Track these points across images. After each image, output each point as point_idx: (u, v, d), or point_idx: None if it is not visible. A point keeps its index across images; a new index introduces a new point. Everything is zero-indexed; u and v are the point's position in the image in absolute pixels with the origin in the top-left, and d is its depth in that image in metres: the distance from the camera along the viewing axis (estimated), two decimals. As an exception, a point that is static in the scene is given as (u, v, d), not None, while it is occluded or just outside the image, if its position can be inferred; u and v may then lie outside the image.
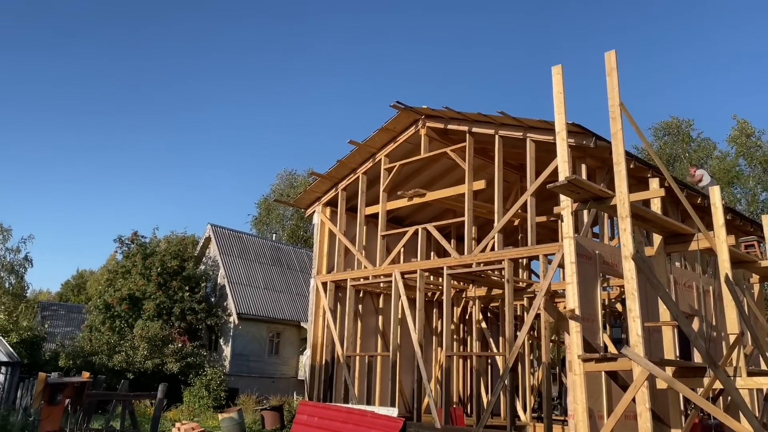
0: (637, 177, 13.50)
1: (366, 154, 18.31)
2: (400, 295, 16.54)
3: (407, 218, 20.95)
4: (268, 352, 29.98)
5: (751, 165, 37.30)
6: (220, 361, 28.38)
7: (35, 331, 25.61)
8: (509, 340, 13.99)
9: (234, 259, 31.00)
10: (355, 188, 18.82)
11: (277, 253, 34.50)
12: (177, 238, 31.15)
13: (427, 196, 17.05)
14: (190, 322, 27.59)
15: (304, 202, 20.22)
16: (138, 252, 28.44)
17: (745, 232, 17.25)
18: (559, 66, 10.29)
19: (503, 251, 14.82)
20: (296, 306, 31.81)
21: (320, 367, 18.28)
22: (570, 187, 9.40)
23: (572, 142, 12.68)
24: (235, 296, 29.12)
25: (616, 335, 17.77)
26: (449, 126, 16.40)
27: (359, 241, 18.30)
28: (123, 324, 27.17)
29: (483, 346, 19.63)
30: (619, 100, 9.44)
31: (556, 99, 10.25)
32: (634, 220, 9.47)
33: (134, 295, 27.25)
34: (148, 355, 25.02)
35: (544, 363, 13.55)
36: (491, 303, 20.22)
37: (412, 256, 18.56)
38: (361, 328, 18.72)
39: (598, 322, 10.87)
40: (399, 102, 16.23)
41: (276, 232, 48.01)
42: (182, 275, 28.20)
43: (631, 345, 8.74)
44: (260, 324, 29.72)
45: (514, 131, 14.95)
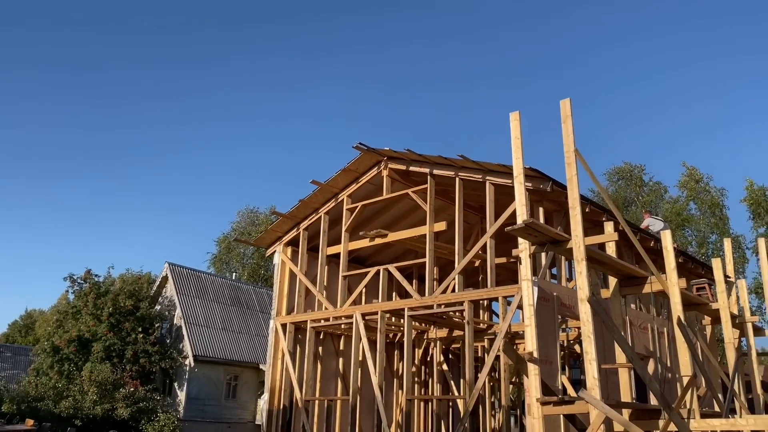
0: (593, 220, 13.84)
1: (328, 194, 18.33)
2: (360, 337, 16.38)
3: (369, 258, 20.91)
4: (224, 396, 29.08)
5: (701, 209, 38.78)
6: (174, 405, 27.38)
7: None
8: (470, 382, 13.93)
9: (191, 299, 30.27)
10: (317, 228, 18.76)
11: (237, 292, 33.85)
12: (132, 277, 30.39)
13: (389, 237, 17.09)
14: (143, 365, 26.63)
15: (265, 242, 20.02)
16: (91, 291, 27.52)
17: (697, 274, 17.76)
18: (517, 112, 10.58)
19: (464, 293, 14.89)
20: (255, 347, 31.10)
21: (278, 411, 17.82)
22: (527, 230, 9.55)
23: (530, 186, 12.97)
24: (191, 337, 28.33)
25: (576, 376, 17.87)
26: (411, 168, 16.60)
27: (320, 282, 18.14)
28: (72, 367, 26.07)
29: (444, 388, 19.49)
30: (574, 146, 9.72)
31: (514, 144, 10.50)
32: (589, 263, 9.65)
33: (83, 336, 26.25)
34: (97, 400, 23.96)
35: (504, 405, 13.52)
36: (452, 344, 20.17)
37: (373, 297, 18.46)
38: (320, 371, 18.39)
39: (557, 364, 10.95)
40: (362, 143, 16.40)
41: (236, 271, 47.20)
42: (136, 316, 27.33)
43: (588, 388, 8.80)
44: (217, 366, 28.91)
45: (474, 174, 15.21)
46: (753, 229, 35.84)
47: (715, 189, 39.29)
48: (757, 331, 16.16)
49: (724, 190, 39.05)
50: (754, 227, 35.78)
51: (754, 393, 13.88)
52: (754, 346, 14.91)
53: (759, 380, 14.09)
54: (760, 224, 35.40)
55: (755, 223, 35.72)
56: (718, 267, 13.26)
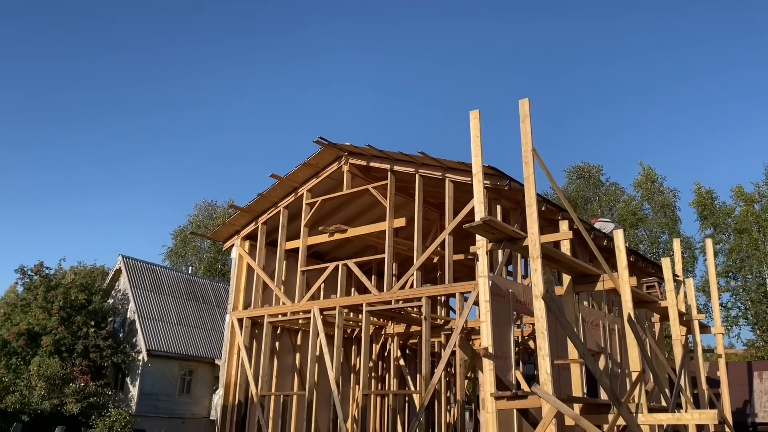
0: (549, 219, 14.10)
1: (288, 189, 18.17)
2: (318, 332, 16.31)
3: (328, 254, 20.83)
4: (179, 391, 28.60)
5: (654, 209, 39.91)
6: (127, 401, 26.81)
7: None
8: (426, 377, 14.04)
9: (146, 292, 29.64)
10: (276, 222, 18.58)
11: (193, 286, 33.28)
12: (85, 270, 29.58)
13: (348, 233, 17.06)
14: (94, 360, 26.00)
15: (222, 235, 19.74)
16: (41, 284, 26.71)
17: (647, 273, 18.27)
18: (477, 111, 10.68)
19: (422, 289, 14.98)
20: (211, 342, 30.66)
21: (233, 407, 17.62)
22: (485, 228, 9.67)
23: (488, 184, 13.13)
24: (145, 332, 27.75)
25: (529, 371, 18.17)
26: (372, 164, 16.59)
27: (278, 277, 17.99)
28: (19, 361, 25.27)
29: (401, 383, 19.59)
30: (531, 146, 9.88)
31: (474, 142, 10.60)
32: (544, 260, 9.83)
33: (33, 330, 25.46)
34: (45, 395, 23.30)
35: (459, 400, 13.67)
36: (410, 340, 20.28)
37: (332, 292, 18.39)
38: (277, 366, 18.26)
39: (511, 359, 11.12)
40: (322, 138, 16.30)
41: (192, 265, 46.41)
42: (88, 309, 26.64)
43: (541, 383, 8.98)
44: (171, 361, 28.41)
45: (433, 171, 15.31)
46: (700, 231, 37.25)
47: (668, 189, 40.55)
48: (703, 328, 16.78)
49: (677, 191, 40.36)
50: (701, 229, 37.16)
51: (699, 389, 14.40)
52: (700, 343, 15.47)
53: (704, 376, 14.63)
54: (706, 226, 36.73)
55: (702, 225, 37.09)
56: (668, 266, 13.69)
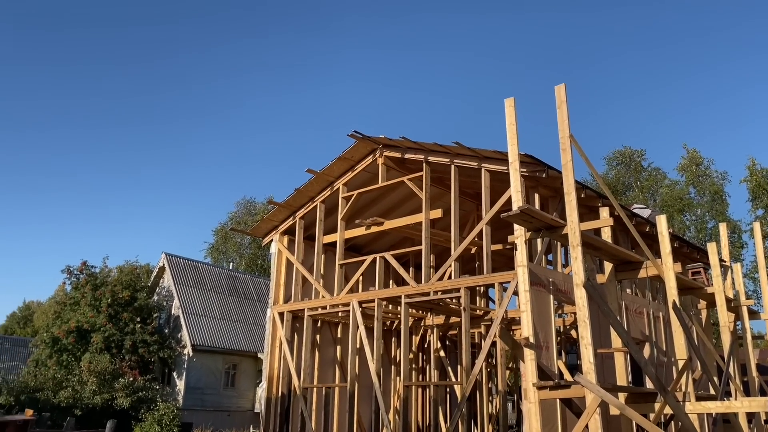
0: (589, 206, 13.85)
1: (324, 183, 18.29)
2: (358, 325, 16.41)
3: (365, 247, 20.92)
4: (223, 385, 29.22)
5: (700, 194, 38.49)
6: (174, 394, 27.50)
7: (-24, 366, 24.41)
8: (467, 368, 13.99)
9: (189, 288, 30.31)
10: (313, 217, 18.73)
11: (234, 282, 33.89)
12: (129, 268, 30.31)
13: (385, 225, 17.09)
14: (142, 355, 26.74)
15: (261, 231, 20.00)
16: (88, 282, 27.55)
17: (692, 259, 17.81)
18: (512, 99, 10.52)
19: (460, 279, 14.92)
20: (253, 336, 31.19)
21: (276, 399, 17.90)
22: (523, 217, 9.54)
23: (525, 172, 12.96)
24: (189, 327, 28.40)
25: (572, 361, 17.94)
26: (406, 155, 16.56)
27: (317, 270, 18.15)
28: (70, 358, 26.15)
29: (441, 374, 19.58)
30: (569, 132, 9.69)
31: (509, 131, 10.46)
32: (585, 248, 9.67)
33: (82, 327, 26.31)
34: (96, 390, 24.08)
35: (501, 391, 13.60)
36: (449, 331, 20.24)
37: (370, 285, 18.49)
38: (318, 359, 18.46)
39: (553, 349, 10.97)
40: (357, 131, 16.34)
41: (233, 261, 47.22)
42: (134, 306, 27.40)
43: (584, 372, 8.84)
44: (216, 355, 29.02)
45: (469, 161, 15.19)
46: (751, 211, 35.36)
47: (717, 173, 38.75)
48: (752, 314, 16.25)
49: (726, 174, 38.54)
50: (752, 209, 35.29)
51: (749, 376, 13.98)
52: (749, 330, 15.00)
53: (754, 363, 14.19)
54: (758, 206, 35.03)
55: (754, 205, 35.24)
56: (714, 251, 13.30)
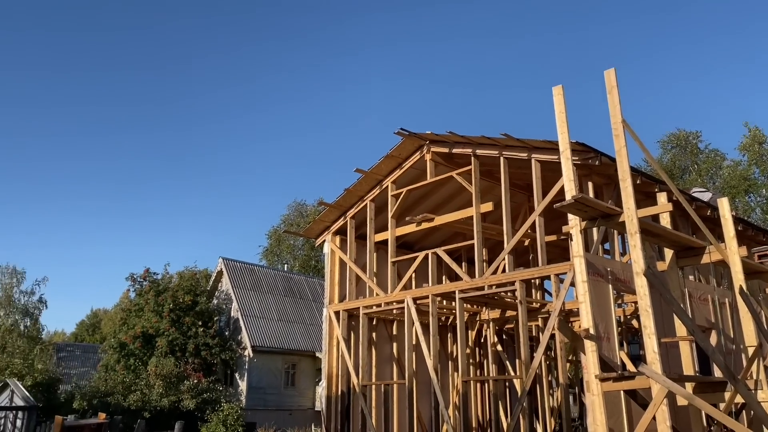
0: (645, 192, 13.47)
1: (373, 182, 18.41)
2: (413, 322, 16.46)
3: (417, 243, 20.94)
4: (284, 384, 29.79)
5: (765, 173, 36.69)
6: (237, 395, 28.21)
7: (51, 373, 25.66)
8: (525, 362, 13.85)
9: (246, 291, 31.01)
10: (363, 216, 18.88)
11: (289, 283, 34.49)
12: (189, 273, 31.24)
13: (435, 221, 17.06)
14: (205, 358, 27.53)
15: (313, 232, 20.28)
16: (150, 289, 28.53)
17: (758, 242, 17.09)
18: (560, 86, 10.34)
19: (514, 272, 14.76)
20: (310, 336, 31.67)
21: (336, 397, 18.13)
22: (577, 206, 9.37)
23: (577, 161, 12.72)
24: (249, 329, 29.07)
25: (634, 352, 17.51)
26: (454, 150, 16.49)
27: (370, 269, 18.28)
28: (137, 362, 27.16)
29: (500, 369, 19.42)
30: (621, 117, 9.46)
31: (558, 119, 10.29)
32: (643, 235, 9.42)
33: (147, 332, 27.27)
34: (163, 392, 24.93)
35: (562, 384, 13.39)
36: (506, 325, 20.05)
37: (423, 281, 18.51)
38: (375, 356, 18.60)
39: (614, 339, 10.73)
40: (403, 129, 16.37)
41: (287, 263, 48.04)
42: (195, 310, 28.22)
43: (648, 362, 8.63)
44: (275, 356, 29.61)
45: (518, 152, 15.01)
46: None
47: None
48: (826, 297, 15.45)
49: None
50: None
51: (825, 361, 13.31)
52: (823, 313, 14.27)
53: (830, 348, 13.50)
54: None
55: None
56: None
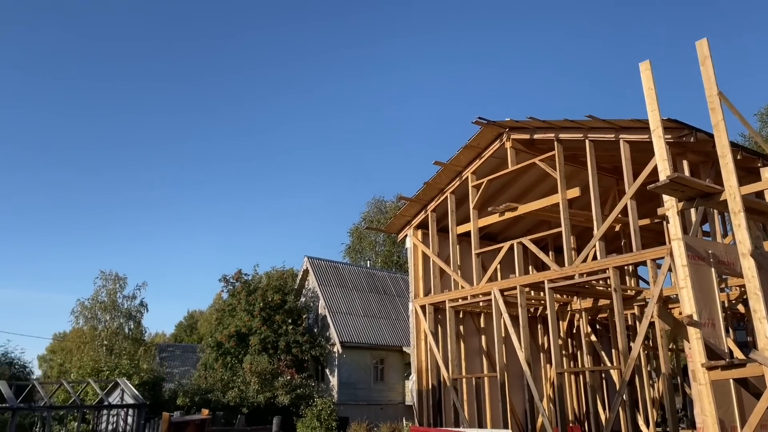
0: (746, 168, 12.63)
1: (452, 174, 18.25)
2: (501, 313, 16.21)
3: (500, 234, 20.61)
4: (373, 379, 30.16)
5: None
6: (328, 390, 28.84)
7: (155, 372, 27.17)
8: (623, 352, 13.32)
9: (332, 288, 31.62)
10: (444, 208, 18.77)
11: (373, 279, 34.86)
12: (277, 273, 32.19)
13: (519, 210, 16.70)
14: (295, 355, 28.29)
15: (395, 227, 20.37)
16: (242, 289, 29.61)
17: None
18: (647, 62, 9.85)
19: (607, 259, 14.21)
20: (396, 331, 31.90)
21: (427, 391, 18.15)
22: (673, 186, 8.92)
23: (670, 139, 12.09)
24: (336, 325, 29.63)
25: (741, 338, 16.50)
26: (535, 136, 16.07)
27: (453, 262, 18.16)
28: (234, 360, 28.29)
29: (594, 359, 18.80)
30: (716, 89, 8.90)
31: (648, 96, 9.80)
32: (748, 214, 8.83)
33: (241, 331, 28.35)
34: (259, 389, 25.85)
35: (664, 374, 12.78)
36: (599, 314, 19.38)
37: (509, 272, 18.19)
38: (464, 349, 18.48)
39: (720, 326, 10.13)
40: (481, 117, 16.12)
41: (369, 259, 48.59)
42: (284, 308, 29.06)
43: (760, 348, 8.09)
44: (363, 351, 30.02)
45: (605, 134, 14.43)
46: None
47: None
48: None
49: None
50: None
51: None
52: None
53: None
54: None
55: None
56: None
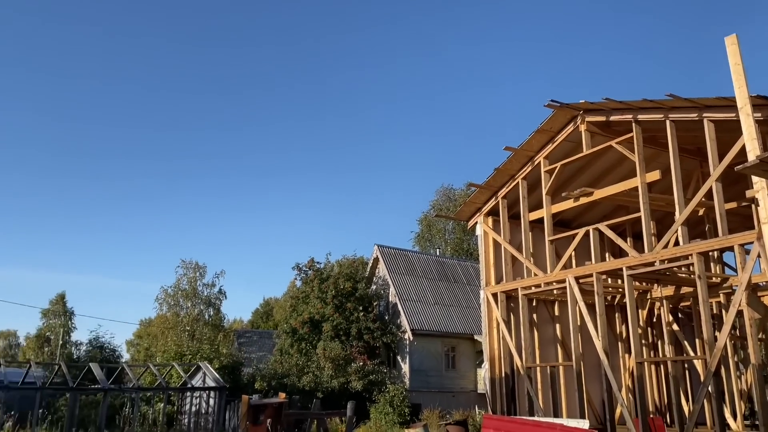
0: None
1: (524, 159, 17.87)
2: (577, 301, 15.80)
3: (574, 220, 20.05)
4: (445, 367, 30.17)
5: None
6: (400, 377, 29.08)
7: (234, 357, 28.20)
8: (708, 341, 12.71)
9: (402, 276, 31.77)
10: (515, 195, 18.43)
11: (442, 267, 34.77)
12: (348, 261, 32.68)
13: (595, 195, 16.18)
14: (367, 341, 28.67)
15: (464, 215, 20.17)
16: (315, 277, 30.25)
17: None
18: (734, 36, 9.30)
19: (690, 245, 13.56)
20: (467, 319, 31.73)
21: (500, 379, 17.98)
22: (763, 167, 8.41)
23: (759, 117, 11.36)
24: (407, 313, 29.79)
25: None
26: (612, 118, 15.48)
27: (526, 249, 17.82)
28: (308, 346, 29.00)
29: (677, 349, 18.06)
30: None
31: (734, 72, 9.26)
32: None
33: (314, 318, 29.00)
34: (333, 374, 26.39)
35: (753, 364, 12.11)
36: (681, 303, 18.57)
37: (584, 260, 17.68)
38: (538, 338, 18.16)
39: (819, 315, 9.49)
40: (554, 100, 15.67)
41: (439, 248, 48.49)
42: (355, 296, 29.48)
43: None
44: (434, 339, 30.06)
45: (687, 113, 13.72)
46: None
47: None
48: None
49: None
50: None
51: None
52: None
53: None
54: None
55: None
56: None
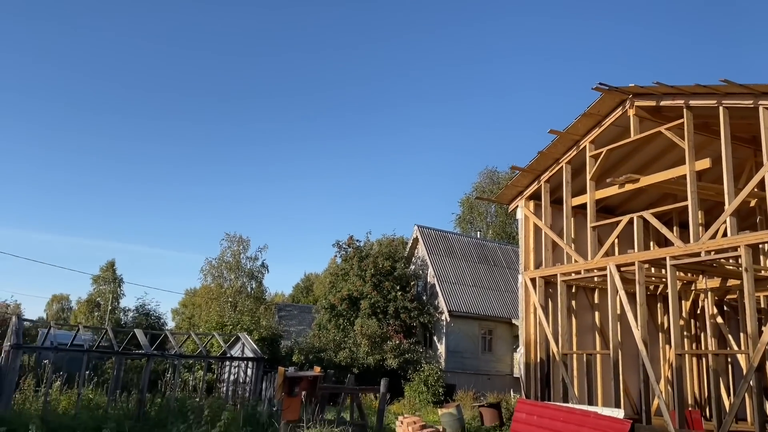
0: None
1: (569, 143, 17.50)
2: (617, 290, 15.51)
3: (618, 207, 19.61)
4: (481, 350, 30.16)
5: None
6: (436, 357, 29.23)
7: (273, 329, 28.85)
8: (752, 336, 12.34)
9: (441, 257, 31.74)
10: (558, 179, 18.10)
11: (483, 250, 34.56)
12: (387, 240, 32.81)
13: (641, 182, 15.75)
14: (404, 320, 28.87)
15: (506, 198, 19.95)
16: (354, 255, 30.53)
17: None
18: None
19: (738, 236, 13.11)
20: (506, 303, 31.54)
21: (535, 365, 17.87)
22: (822, 158, 8.00)
23: (821, 105, 10.81)
24: (445, 294, 29.80)
25: None
26: (662, 102, 14.99)
27: (567, 234, 17.54)
28: (345, 322, 29.41)
29: (720, 343, 17.58)
30: None
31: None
32: None
33: (353, 295, 29.33)
34: (369, 351, 26.71)
35: (801, 363, 11.70)
36: (727, 295, 18.02)
37: (626, 248, 17.31)
38: (576, 325, 17.94)
39: None
40: (602, 83, 15.24)
41: (480, 230, 48.17)
42: (393, 275, 29.64)
43: None
44: (471, 321, 30.03)
45: (742, 100, 13.17)
46: None
47: None
48: None
49: None
50: None
51: None
52: None
53: None
54: None
55: None
56: None
